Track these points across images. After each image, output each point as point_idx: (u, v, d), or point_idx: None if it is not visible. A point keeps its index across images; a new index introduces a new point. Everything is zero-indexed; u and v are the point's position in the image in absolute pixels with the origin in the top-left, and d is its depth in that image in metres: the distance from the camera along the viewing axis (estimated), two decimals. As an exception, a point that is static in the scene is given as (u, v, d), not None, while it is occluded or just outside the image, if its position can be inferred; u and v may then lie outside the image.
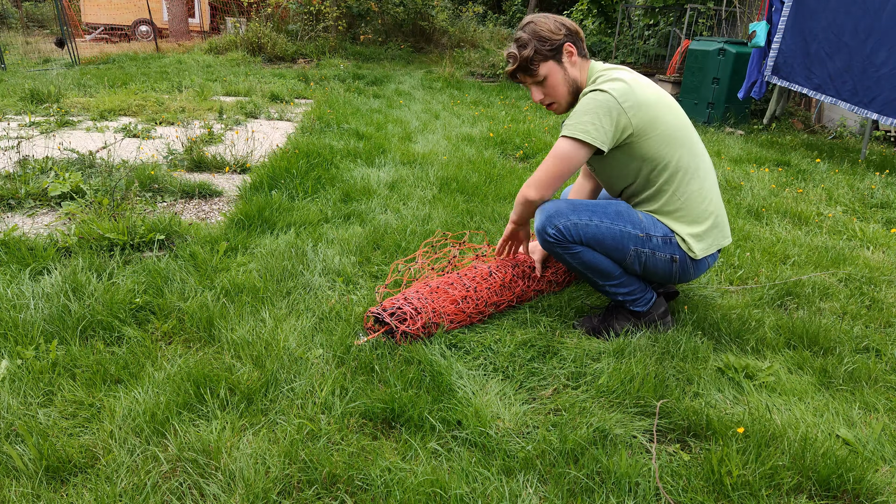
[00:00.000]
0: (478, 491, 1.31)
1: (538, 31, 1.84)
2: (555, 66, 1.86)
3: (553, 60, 1.86)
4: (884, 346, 1.97)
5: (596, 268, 1.89)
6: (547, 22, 1.86)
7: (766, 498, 1.32)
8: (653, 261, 1.87)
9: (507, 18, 17.06)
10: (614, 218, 1.85)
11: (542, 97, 1.92)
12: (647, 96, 1.79)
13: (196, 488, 1.30)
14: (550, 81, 1.88)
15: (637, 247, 1.85)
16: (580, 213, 1.85)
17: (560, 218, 1.83)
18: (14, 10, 16.40)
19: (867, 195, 3.75)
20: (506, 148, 4.73)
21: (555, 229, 1.83)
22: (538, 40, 1.83)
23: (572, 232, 1.83)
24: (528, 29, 1.86)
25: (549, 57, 1.85)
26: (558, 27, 1.85)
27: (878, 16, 4.44)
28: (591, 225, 1.83)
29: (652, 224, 1.87)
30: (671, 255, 1.87)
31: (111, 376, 1.65)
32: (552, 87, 1.89)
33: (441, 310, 1.91)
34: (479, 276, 2.07)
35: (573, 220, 1.83)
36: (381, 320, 1.88)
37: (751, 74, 5.72)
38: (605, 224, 1.84)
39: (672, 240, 1.87)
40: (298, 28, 11.73)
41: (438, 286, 2.00)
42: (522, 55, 1.84)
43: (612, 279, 1.92)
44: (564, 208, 1.86)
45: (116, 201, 2.84)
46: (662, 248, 1.86)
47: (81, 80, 7.24)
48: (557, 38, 1.84)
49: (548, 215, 1.86)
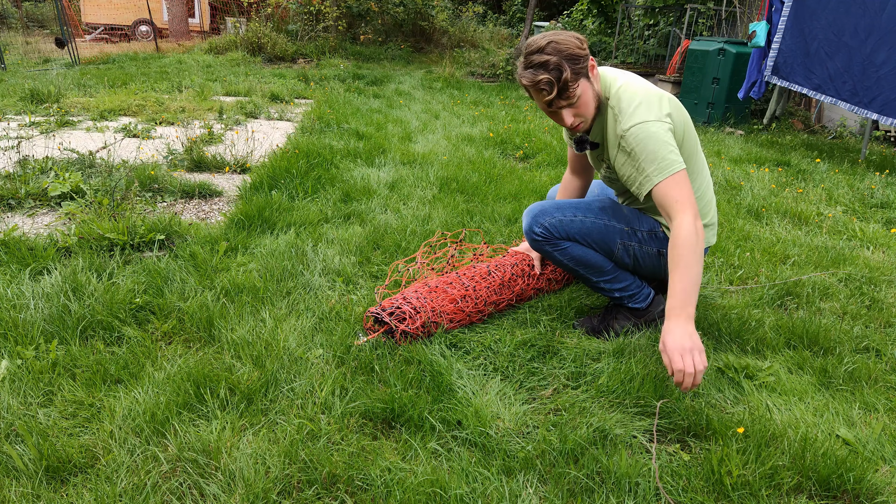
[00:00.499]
0: (478, 491, 1.31)
1: (566, 51, 1.64)
2: (586, 84, 1.71)
3: (584, 78, 1.70)
4: (884, 346, 1.97)
5: (587, 262, 1.91)
6: (569, 39, 1.68)
7: (766, 498, 1.32)
8: (641, 254, 1.91)
9: (507, 18, 17.07)
10: (598, 213, 1.89)
11: (574, 119, 1.73)
12: (660, 95, 1.77)
13: (196, 488, 1.30)
14: (583, 100, 1.72)
15: (623, 240, 1.89)
16: (564, 210, 1.90)
17: (545, 216, 1.88)
18: (14, 10, 16.40)
19: (867, 195, 3.75)
20: (506, 148, 4.73)
21: (541, 227, 1.88)
22: (570, 60, 1.64)
23: (558, 228, 1.86)
24: (550, 49, 1.64)
25: (581, 75, 1.69)
26: (579, 42, 1.69)
27: (878, 16, 4.43)
28: (575, 220, 1.87)
29: (636, 218, 1.90)
30: (658, 250, 1.90)
31: (111, 376, 1.65)
32: (584, 106, 1.73)
33: (440, 309, 1.91)
34: (479, 276, 2.07)
35: (558, 216, 1.88)
36: (381, 320, 1.88)
37: (751, 74, 5.72)
38: (589, 219, 1.88)
39: (658, 234, 1.89)
40: (298, 28, 11.73)
41: (437, 286, 2.00)
42: (563, 79, 1.63)
43: (604, 274, 1.93)
44: (549, 207, 1.91)
45: (116, 201, 2.84)
46: (648, 242, 1.90)
47: (81, 80, 7.24)
48: (584, 54, 1.68)
49: (533, 215, 1.90)
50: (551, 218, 1.88)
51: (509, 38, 14.30)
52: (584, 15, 11.59)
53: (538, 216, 1.89)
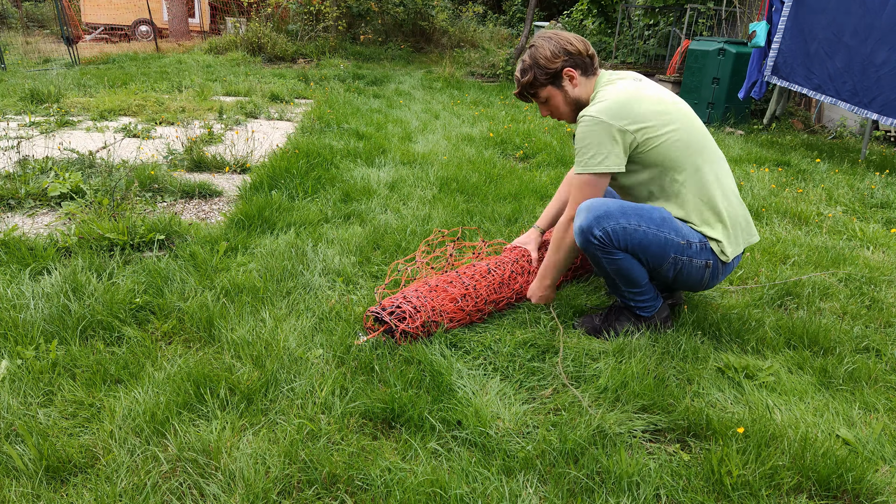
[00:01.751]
0: (478, 491, 1.31)
1: (537, 59, 1.88)
2: (554, 90, 1.92)
3: (552, 85, 1.92)
4: (884, 346, 1.97)
5: (628, 276, 1.86)
6: (546, 47, 1.88)
7: (766, 498, 1.32)
8: (688, 268, 1.85)
9: (507, 18, 17.06)
10: (660, 224, 1.80)
11: (548, 113, 2.00)
12: (645, 106, 1.79)
13: (196, 488, 1.30)
14: (552, 103, 1.96)
15: (677, 254, 1.83)
16: (629, 216, 1.78)
17: (610, 220, 1.76)
18: (14, 10, 16.40)
19: (867, 195, 3.75)
20: (506, 148, 4.73)
21: (602, 232, 1.76)
22: (536, 68, 1.89)
23: (620, 237, 1.76)
24: (530, 53, 1.91)
25: (547, 83, 1.91)
26: (556, 53, 1.87)
27: (878, 16, 4.43)
28: (639, 231, 1.77)
29: (689, 231, 1.85)
30: (706, 261, 1.86)
31: (111, 376, 1.65)
32: (555, 107, 1.97)
33: (440, 308, 1.91)
34: (479, 274, 2.07)
35: (622, 223, 1.76)
36: (381, 319, 1.88)
37: (751, 74, 5.72)
38: (651, 230, 1.79)
39: (707, 245, 1.85)
40: (298, 28, 11.73)
41: (438, 284, 2.00)
42: (522, 82, 1.93)
43: (637, 286, 1.90)
44: (614, 210, 1.78)
45: (116, 201, 2.84)
46: (699, 255, 1.85)
47: (81, 80, 7.24)
48: (554, 66, 1.88)
49: (596, 216, 1.77)
50: (616, 224, 1.75)
51: (509, 38, 14.30)
52: (584, 15, 11.59)
53: (602, 218, 1.75)
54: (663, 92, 1.90)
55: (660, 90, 1.89)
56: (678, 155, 1.82)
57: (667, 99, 1.87)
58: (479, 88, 8.72)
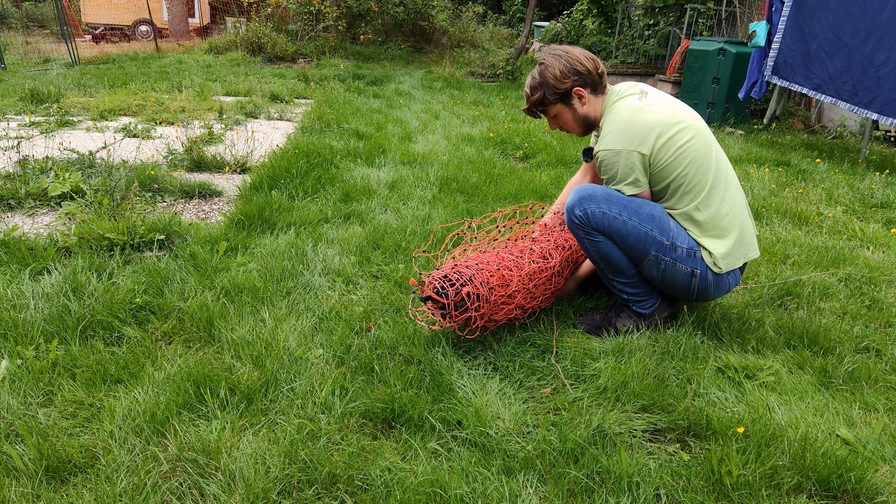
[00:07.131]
0: (478, 491, 1.31)
1: (546, 78, 1.90)
2: (563, 108, 1.95)
3: (562, 103, 1.94)
4: (884, 346, 1.97)
5: (611, 261, 1.90)
6: (556, 66, 1.88)
7: (766, 498, 1.32)
8: (672, 271, 1.86)
9: (507, 18, 17.06)
10: (645, 219, 1.83)
11: (557, 127, 2.05)
12: (650, 126, 1.80)
13: (196, 488, 1.30)
14: (562, 119, 1.99)
15: (658, 252, 1.84)
16: (613, 204, 1.83)
17: (591, 203, 1.83)
18: (14, 10, 16.40)
19: (867, 195, 3.75)
20: (506, 148, 4.73)
21: (582, 212, 1.84)
22: (546, 87, 1.91)
23: (599, 220, 1.83)
24: (539, 71, 1.92)
25: (556, 101, 1.93)
26: (566, 73, 1.88)
27: (878, 16, 4.43)
28: (619, 219, 1.82)
29: (680, 235, 1.86)
30: (692, 269, 1.85)
31: (111, 376, 1.65)
32: (563, 123, 2.00)
33: (496, 309, 1.82)
34: (538, 269, 1.95)
35: (603, 209, 1.83)
36: (439, 294, 1.76)
37: (751, 74, 5.72)
38: (632, 222, 1.83)
39: (696, 254, 1.86)
40: (298, 28, 11.73)
41: (499, 266, 1.88)
42: (532, 99, 1.95)
43: (623, 276, 1.92)
44: (599, 195, 1.84)
45: (116, 201, 2.84)
46: (685, 261, 1.85)
47: (81, 80, 7.24)
48: (564, 86, 1.89)
49: (580, 197, 1.85)
50: (596, 207, 1.82)
51: (509, 38, 14.29)
52: (584, 15, 11.58)
53: (585, 199, 1.84)
54: (668, 104, 1.87)
55: (667, 103, 1.87)
56: (686, 167, 1.82)
57: (673, 111, 1.85)
58: (479, 88, 8.72)
